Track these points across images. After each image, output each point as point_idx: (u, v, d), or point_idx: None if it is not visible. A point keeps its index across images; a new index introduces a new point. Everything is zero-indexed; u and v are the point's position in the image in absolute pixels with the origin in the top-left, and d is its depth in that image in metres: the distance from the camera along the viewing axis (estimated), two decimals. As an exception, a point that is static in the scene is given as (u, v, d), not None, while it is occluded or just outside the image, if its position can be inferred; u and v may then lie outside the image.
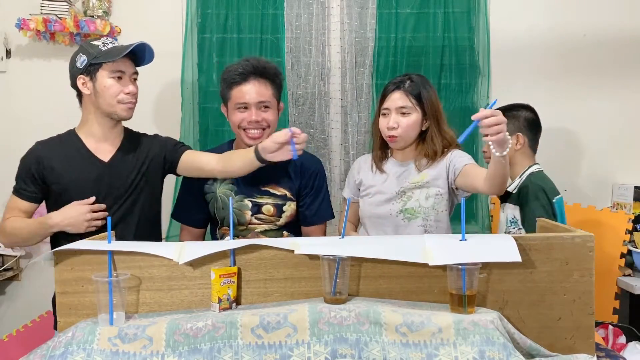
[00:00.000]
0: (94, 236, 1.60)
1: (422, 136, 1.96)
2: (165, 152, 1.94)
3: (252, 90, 1.91)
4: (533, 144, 2.16)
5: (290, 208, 1.99)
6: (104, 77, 1.80)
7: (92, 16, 2.64)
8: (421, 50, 2.68)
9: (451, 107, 2.67)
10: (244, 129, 1.94)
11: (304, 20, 2.68)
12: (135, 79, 1.88)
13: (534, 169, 2.12)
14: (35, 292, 2.73)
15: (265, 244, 1.37)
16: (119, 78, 1.81)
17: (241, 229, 1.99)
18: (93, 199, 1.79)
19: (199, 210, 2.02)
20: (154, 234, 1.96)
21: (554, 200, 2.00)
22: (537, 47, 2.70)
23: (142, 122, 2.06)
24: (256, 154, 1.79)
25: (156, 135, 2.03)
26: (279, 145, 1.74)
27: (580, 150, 2.69)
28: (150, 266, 1.36)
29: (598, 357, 1.34)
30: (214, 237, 2.07)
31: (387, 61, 2.67)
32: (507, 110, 2.10)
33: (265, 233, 1.99)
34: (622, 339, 2.27)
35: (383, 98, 1.95)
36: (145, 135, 2.01)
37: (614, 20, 2.68)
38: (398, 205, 1.94)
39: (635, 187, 2.61)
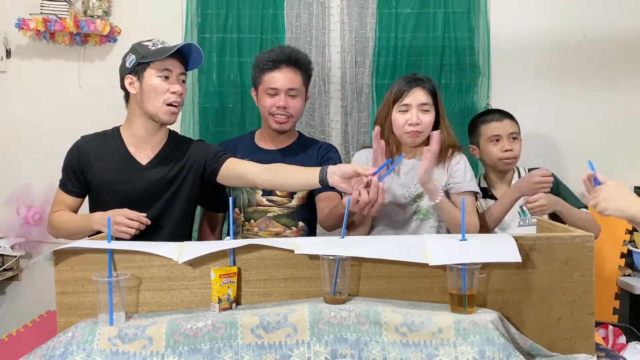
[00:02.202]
0: (94, 236, 1.60)
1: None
2: (207, 160, 1.89)
3: (282, 77, 1.97)
4: None
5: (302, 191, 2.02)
6: (151, 75, 1.79)
7: (92, 16, 2.64)
8: (421, 50, 2.67)
9: (451, 107, 2.67)
10: (272, 115, 1.99)
11: (304, 20, 2.68)
12: (183, 81, 1.85)
13: None
14: (35, 292, 2.73)
15: (265, 244, 1.37)
16: (166, 78, 1.80)
17: (250, 210, 2.01)
18: (144, 215, 1.73)
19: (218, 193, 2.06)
20: (186, 238, 1.94)
21: None
22: (537, 47, 2.70)
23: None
24: (321, 174, 1.65)
25: (200, 142, 2.01)
26: (354, 175, 1.58)
27: (580, 150, 2.69)
28: (150, 266, 1.36)
29: (598, 357, 1.34)
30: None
31: (387, 61, 2.67)
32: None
33: (278, 218, 2.00)
34: (622, 339, 2.27)
35: (400, 94, 1.92)
36: (189, 140, 1.99)
37: (614, 20, 2.68)
38: (412, 207, 1.97)
39: (635, 187, 2.60)
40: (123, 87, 1.86)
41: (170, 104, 1.80)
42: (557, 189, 2.12)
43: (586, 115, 2.71)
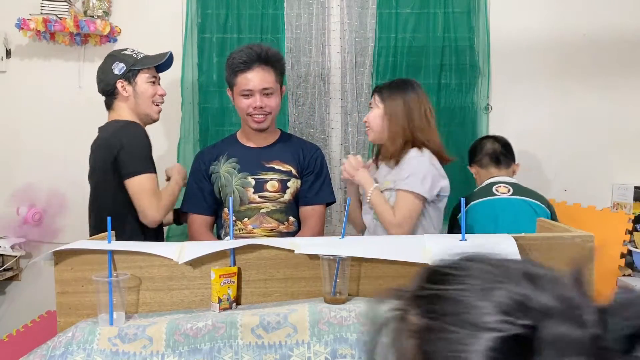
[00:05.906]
0: (94, 236, 1.60)
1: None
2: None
3: (256, 78, 1.98)
4: (485, 165, 2.32)
5: (294, 185, 2.04)
6: (143, 81, 2.05)
7: (92, 16, 2.64)
8: (421, 50, 2.67)
9: (451, 107, 2.67)
10: (250, 115, 2.01)
11: (304, 20, 2.68)
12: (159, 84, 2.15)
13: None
14: (35, 292, 2.72)
15: (265, 244, 1.37)
16: (153, 82, 2.09)
17: (244, 209, 2.01)
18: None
19: (208, 196, 2.07)
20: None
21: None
22: (537, 47, 2.70)
23: (142, 122, 2.06)
24: None
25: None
26: None
27: (580, 150, 2.69)
28: (150, 266, 1.36)
29: (598, 357, 1.34)
30: (219, 221, 2.12)
31: (387, 61, 2.67)
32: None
33: (271, 214, 2.01)
34: (622, 339, 2.26)
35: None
36: None
37: (614, 20, 2.68)
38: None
39: (635, 187, 2.60)
40: (107, 92, 2.05)
41: (157, 104, 2.10)
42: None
43: (586, 115, 2.71)
